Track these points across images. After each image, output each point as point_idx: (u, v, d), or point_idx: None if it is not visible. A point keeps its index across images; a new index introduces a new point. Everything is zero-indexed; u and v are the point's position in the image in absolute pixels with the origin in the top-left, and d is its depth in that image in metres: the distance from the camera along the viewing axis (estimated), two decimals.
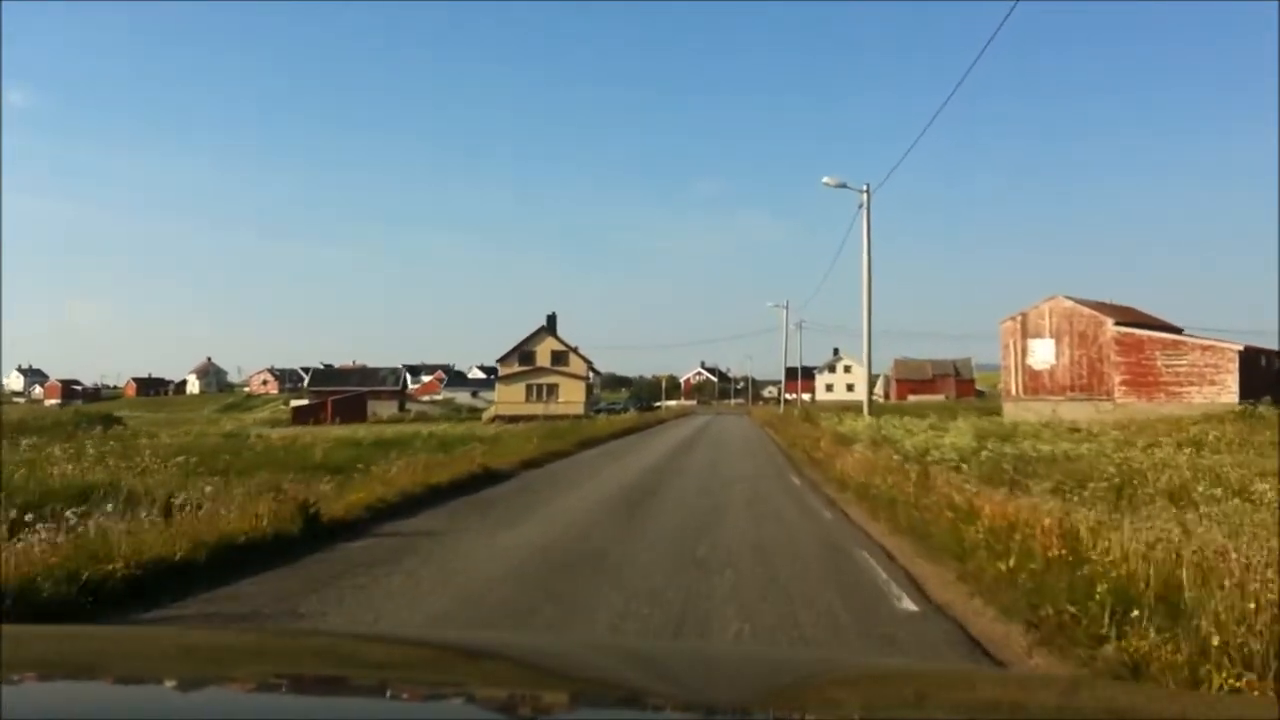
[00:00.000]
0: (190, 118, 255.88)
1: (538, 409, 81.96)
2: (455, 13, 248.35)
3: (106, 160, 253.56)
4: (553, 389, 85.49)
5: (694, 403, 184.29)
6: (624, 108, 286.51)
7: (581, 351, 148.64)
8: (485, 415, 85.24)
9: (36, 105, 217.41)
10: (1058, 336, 57.91)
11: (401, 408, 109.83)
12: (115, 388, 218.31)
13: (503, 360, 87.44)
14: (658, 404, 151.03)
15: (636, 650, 3.43)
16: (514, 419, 74.14)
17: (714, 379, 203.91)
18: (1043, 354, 58.27)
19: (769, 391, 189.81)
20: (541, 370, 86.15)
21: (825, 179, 30.29)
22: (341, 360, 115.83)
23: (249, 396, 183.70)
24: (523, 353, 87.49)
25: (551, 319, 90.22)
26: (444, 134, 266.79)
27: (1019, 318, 59.37)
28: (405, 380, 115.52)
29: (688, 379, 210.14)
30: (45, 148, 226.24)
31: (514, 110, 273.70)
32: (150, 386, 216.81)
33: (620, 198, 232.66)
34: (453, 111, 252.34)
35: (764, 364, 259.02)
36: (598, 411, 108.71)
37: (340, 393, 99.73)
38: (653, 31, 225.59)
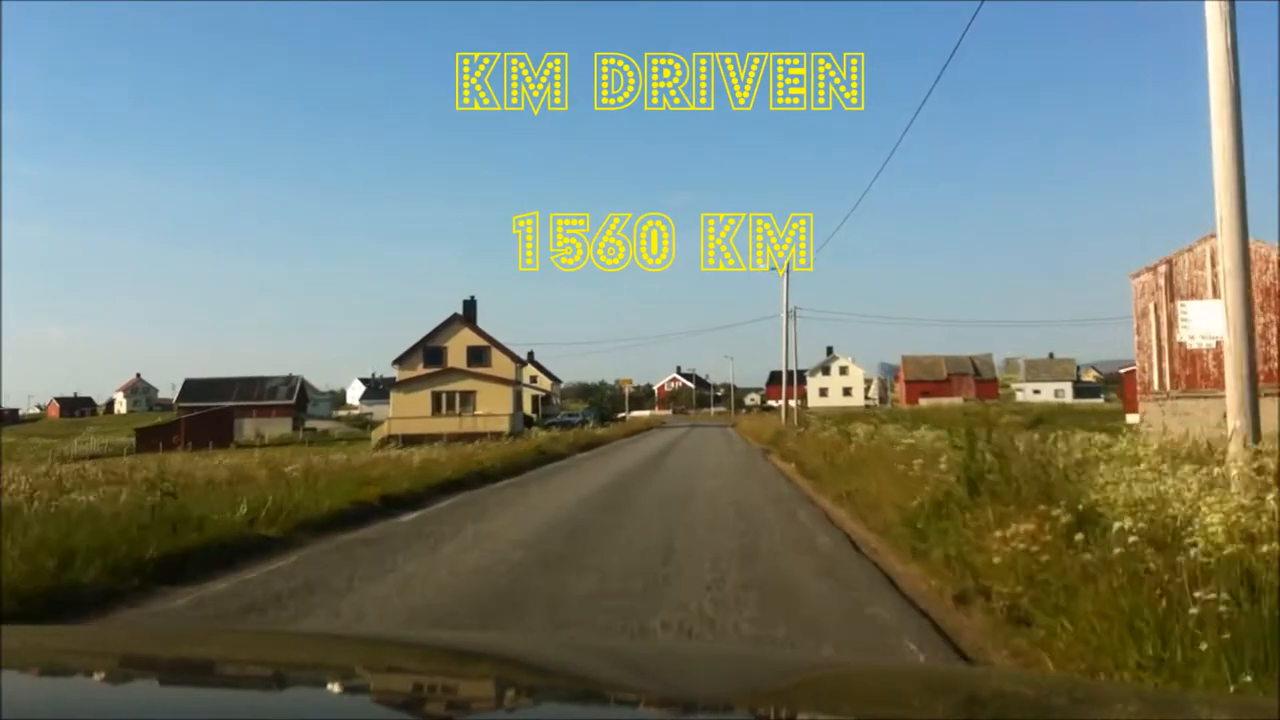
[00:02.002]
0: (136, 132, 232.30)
1: (448, 425, 59.79)
2: (444, 13, 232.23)
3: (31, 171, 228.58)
4: (468, 397, 62.98)
5: (669, 412, 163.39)
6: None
7: (538, 359, 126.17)
8: (376, 436, 62.67)
9: None
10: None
11: (297, 425, 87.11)
12: (44, 408, 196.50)
13: (401, 360, 64.85)
14: (622, 414, 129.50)
15: (616, 649, 3.46)
16: (413, 439, 52.66)
17: (691, 386, 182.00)
18: (1205, 323, 36.29)
19: (751, 399, 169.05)
20: (452, 373, 63.61)
21: None
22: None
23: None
24: (428, 350, 64.93)
25: (469, 305, 67.72)
26: (433, 147, 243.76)
27: (1162, 267, 37.45)
28: (301, 390, 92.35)
29: (661, 386, 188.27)
30: None
31: (500, 117, 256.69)
32: (75, 406, 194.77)
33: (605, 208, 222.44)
34: (441, 123, 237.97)
35: (745, 369, 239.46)
36: (550, 425, 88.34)
37: (199, 409, 76.76)
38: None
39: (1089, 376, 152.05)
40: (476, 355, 64.91)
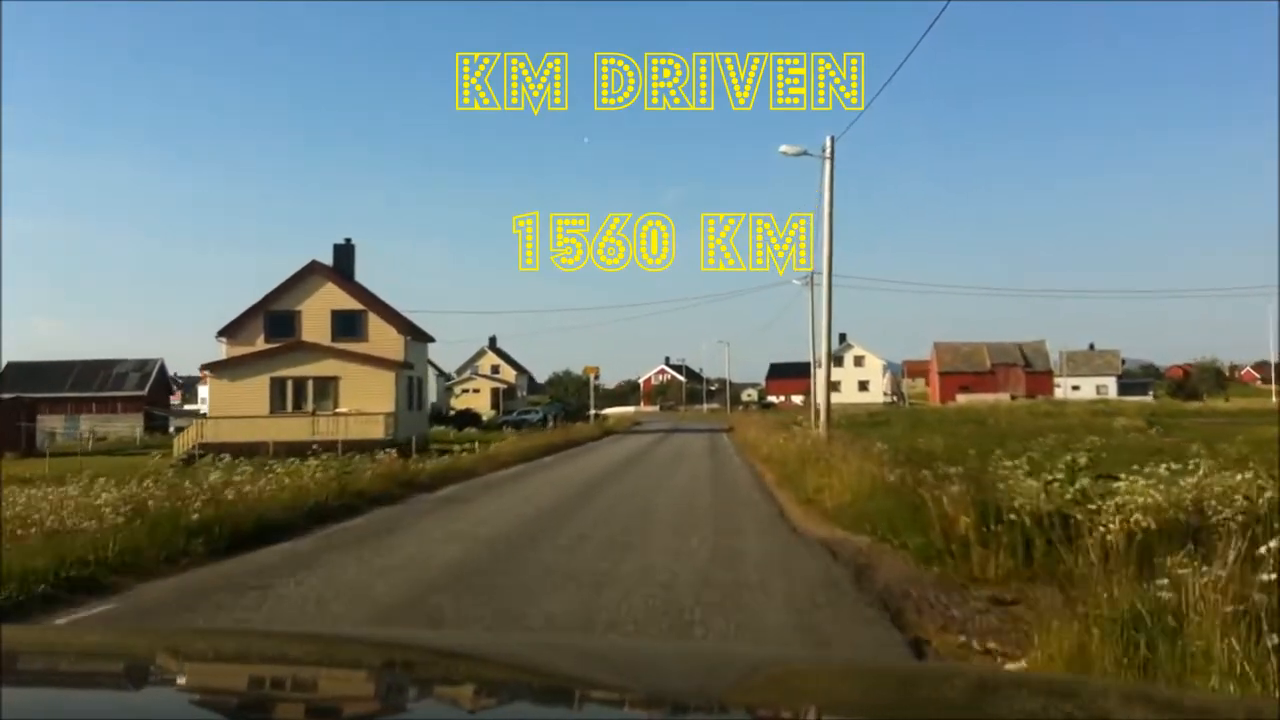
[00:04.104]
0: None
1: (296, 427, 39.09)
2: (444, 13, 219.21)
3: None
4: (326, 385, 41.55)
5: (654, 408, 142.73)
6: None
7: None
8: (180, 445, 41.22)
9: None
10: None
11: (150, 423, 65.47)
12: None
13: (231, 332, 43.20)
14: (599, 411, 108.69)
15: (597, 649, 3.32)
16: (233, 449, 33.11)
17: (681, 379, 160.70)
18: None
19: (748, 394, 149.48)
20: (305, 349, 42.11)
21: None
22: None
23: None
24: (273, 316, 43.38)
25: (343, 251, 46.30)
26: (432, 147, 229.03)
27: None
28: (159, 378, 70.52)
29: (648, 380, 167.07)
30: None
31: (500, 117, 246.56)
32: None
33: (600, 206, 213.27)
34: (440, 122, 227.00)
35: (740, 364, 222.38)
36: (504, 424, 67.92)
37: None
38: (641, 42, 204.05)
39: None
40: (346, 324, 43.35)
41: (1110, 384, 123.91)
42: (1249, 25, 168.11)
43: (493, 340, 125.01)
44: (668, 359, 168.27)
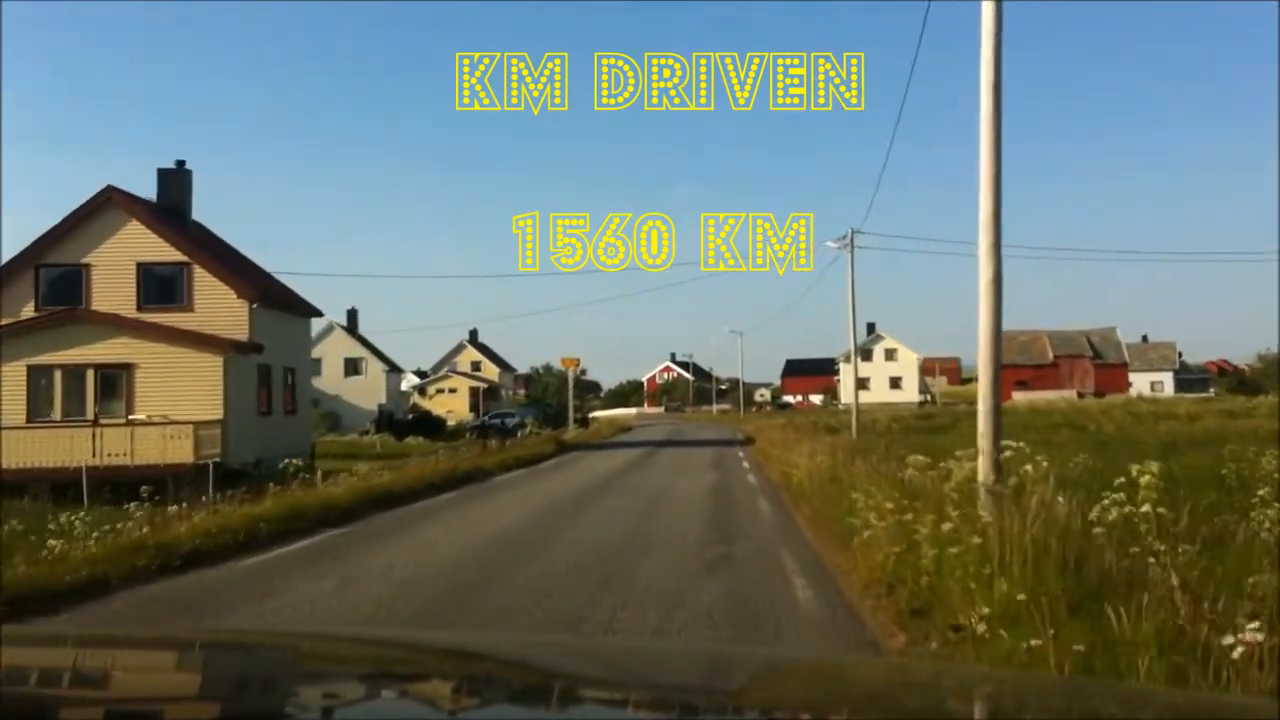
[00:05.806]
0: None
1: (65, 447, 23.96)
2: (444, 13, 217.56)
3: None
4: (114, 380, 26.47)
5: (659, 409, 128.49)
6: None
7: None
8: None
9: None
10: None
11: None
12: None
13: None
14: (593, 414, 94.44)
15: (598, 649, 3.34)
16: None
17: (689, 376, 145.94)
18: None
19: (761, 394, 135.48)
20: (83, 320, 27.00)
21: None
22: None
23: None
24: (47, 272, 28.28)
25: (172, 179, 31.20)
26: (432, 147, 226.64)
27: None
28: None
29: (652, 378, 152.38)
30: None
31: (500, 117, 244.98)
32: None
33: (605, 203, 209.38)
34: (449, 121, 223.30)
35: (753, 359, 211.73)
36: (471, 430, 57.47)
37: None
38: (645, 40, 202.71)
39: None
40: (161, 284, 28.40)
41: (1166, 379, 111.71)
42: None
43: (474, 334, 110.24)
44: (674, 355, 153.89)
